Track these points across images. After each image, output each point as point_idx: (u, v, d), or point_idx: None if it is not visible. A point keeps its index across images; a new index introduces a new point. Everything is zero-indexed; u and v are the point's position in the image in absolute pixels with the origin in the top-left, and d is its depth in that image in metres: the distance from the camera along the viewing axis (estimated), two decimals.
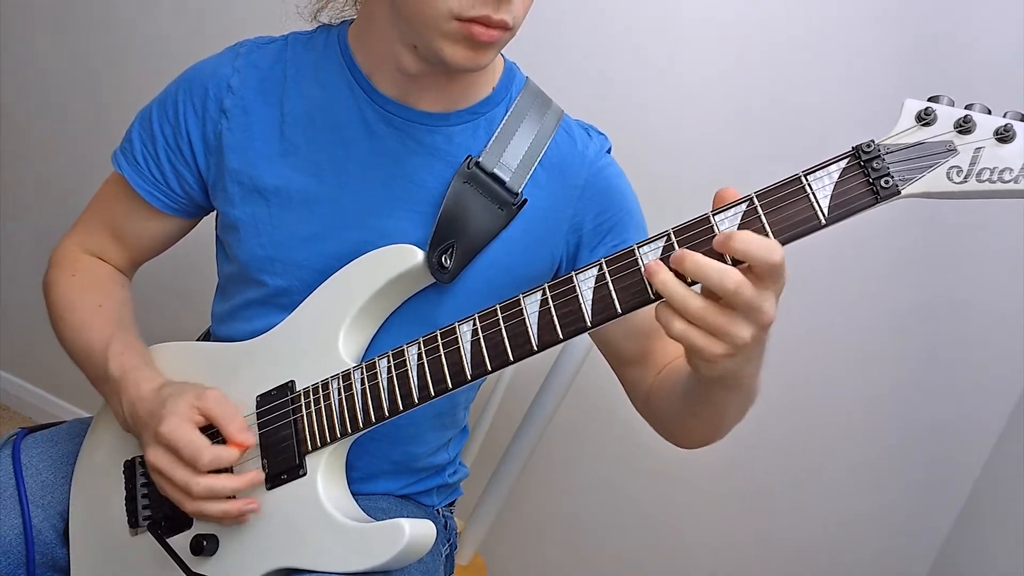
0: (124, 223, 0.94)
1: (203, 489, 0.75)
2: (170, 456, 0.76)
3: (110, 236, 0.95)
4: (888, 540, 1.35)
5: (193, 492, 0.76)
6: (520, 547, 1.56)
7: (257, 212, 0.85)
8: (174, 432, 0.76)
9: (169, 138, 0.87)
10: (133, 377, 0.82)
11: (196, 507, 0.77)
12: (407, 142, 0.83)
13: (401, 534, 0.74)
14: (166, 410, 0.77)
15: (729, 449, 1.38)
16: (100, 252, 0.96)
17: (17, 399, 1.90)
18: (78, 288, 0.92)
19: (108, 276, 0.95)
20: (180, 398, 0.78)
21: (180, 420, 0.76)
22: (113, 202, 0.93)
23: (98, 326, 0.88)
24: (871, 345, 1.27)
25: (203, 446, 0.76)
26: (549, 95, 0.90)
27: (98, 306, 0.91)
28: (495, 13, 0.70)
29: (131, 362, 0.84)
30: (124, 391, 0.82)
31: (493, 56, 0.76)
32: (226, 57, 0.88)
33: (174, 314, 1.34)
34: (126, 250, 0.96)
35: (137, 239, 0.95)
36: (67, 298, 0.91)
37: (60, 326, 0.91)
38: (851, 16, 1.15)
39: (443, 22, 0.71)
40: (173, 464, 0.76)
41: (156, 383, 0.82)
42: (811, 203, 0.62)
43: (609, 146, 0.91)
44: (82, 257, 0.95)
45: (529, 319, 0.70)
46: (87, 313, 0.90)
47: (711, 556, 1.47)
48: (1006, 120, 0.59)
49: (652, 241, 0.67)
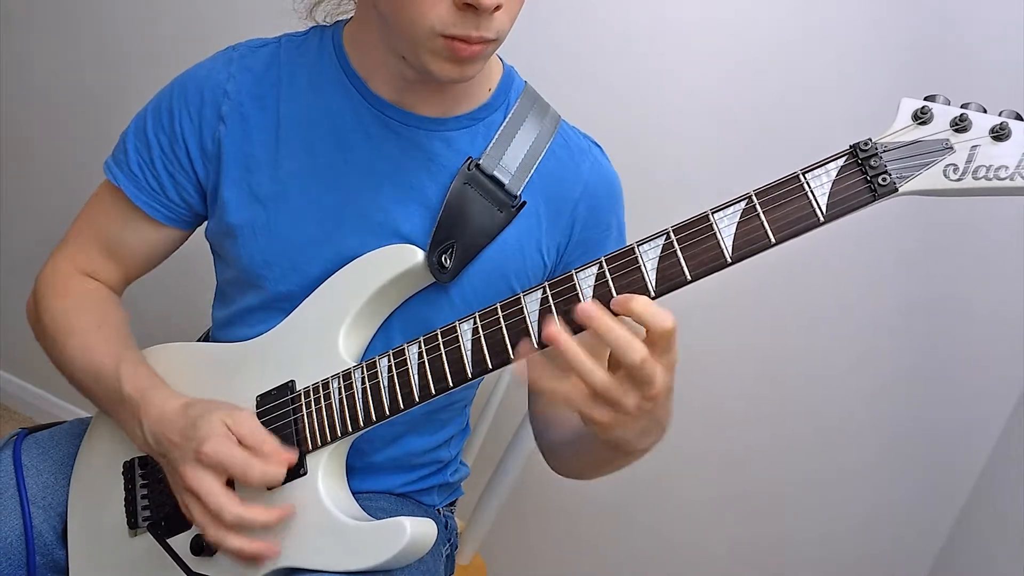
0: (118, 236, 0.91)
1: (234, 518, 0.73)
2: (212, 476, 0.75)
3: (102, 251, 0.92)
4: (888, 540, 1.35)
5: (225, 519, 0.74)
6: (520, 547, 1.56)
7: (256, 218, 0.84)
8: (219, 451, 0.74)
9: (165, 147, 0.86)
10: (154, 397, 0.80)
11: (219, 536, 0.74)
12: (405, 146, 0.83)
13: (402, 533, 0.74)
14: (203, 431, 0.75)
15: (730, 450, 1.39)
16: (91, 270, 0.93)
17: (17, 399, 1.90)
18: (74, 311, 0.89)
19: (103, 296, 0.92)
20: (213, 417, 0.76)
21: (222, 439, 0.75)
22: (105, 214, 0.91)
23: (103, 348, 0.86)
24: (871, 345, 1.28)
25: (253, 462, 0.74)
26: (548, 96, 0.90)
27: (98, 327, 0.88)
28: (475, 31, 0.70)
29: (147, 381, 0.82)
30: (144, 412, 0.80)
31: (480, 68, 0.76)
32: (220, 62, 0.87)
33: (174, 315, 1.34)
34: (119, 266, 0.93)
35: (131, 253, 0.92)
36: (64, 322, 0.88)
37: (58, 351, 0.88)
38: (848, 16, 1.15)
39: (426, 38, 0.71)
40: (214, 485, 0.74)
41: (180, 402, 0.80)
42: (809, 201, 0.62)
43: (605, 160, 0.91)
44: (73, 277, 0.92)
45: (530, 317, 0.70)
46: (88, 335, 0.87)
47: (711, 556, 1.47)
48: (1001, 119, 0.59)
49: (652, 239, 0.67)
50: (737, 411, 1.37)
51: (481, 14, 0.69)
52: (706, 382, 1.37)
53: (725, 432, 1.38)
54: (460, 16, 0.69)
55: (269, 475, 0.75)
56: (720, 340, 1.33)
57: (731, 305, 1.29)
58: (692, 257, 0.65)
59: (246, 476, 0.74)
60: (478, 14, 0.69)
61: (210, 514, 0.75)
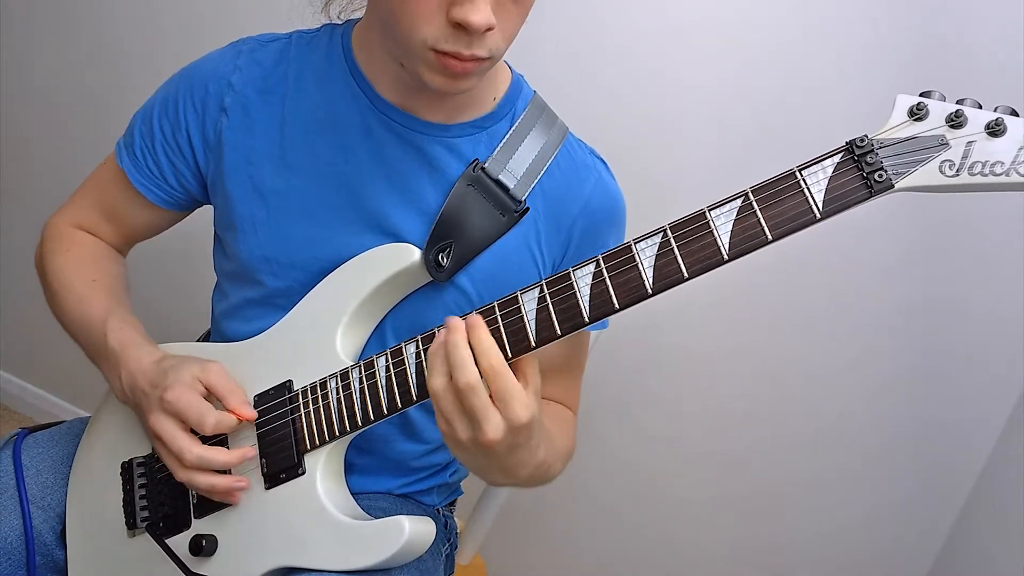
0: (118, 207, 0.94)
1: (195, 458, 0.77)
2: (173, 422, 0.78)
3: (104, 216, 0.95)
4: (888, 540, 1.35)
5: (185, 460, 0.78)
6: (520, 547, 1.56)
7: (256, 212, 0.85)
8: (180, 398, 0.77)
9: (168, 135, 0.87)
10: (134, 351, 0.83)
11: (187, 476, 0.79)
12: (408, 149, 0.83)
13: (401, 531, 0.74)
14: (170, 379, 0.79)
15: (730, 450, 1.39)
16: (93, 229, 0.96)
17: (17, 399, 1.90)
18: (73, 264, 0.92)
19: (102, 251, 0.96)
20: (183, 369, 0.80)
21: (185, 388, 0.78)
22: (109, 185, 0.94)
23: (95, 301, 0.89)
24: (870, 345, 1.28)
25: (208, 410, 0.78)
26: (548, 96, 0.90)
27: (92, 280, 0.91)
28: (467, 49, 0.70)
29: (130, 337, 0.85)
30: (124, 364, 0.83)
31: (474, 83, 0.75)
32: (228, 54, 0.87)
33: (174, 314, 1.34)
34: (119, 230, 0.96)
35: (131, 224, 0.95)
36: (64, 274, 0.92)
37: (56, 302, 0.92)
38: (848, 15, 1.15)
39: (420, 50, 0.71)
40: (175, 430, 0.78)
41: (157, 356, 0.83)
42: (806, 197, 0.62)
43: (610, 178, 0.91)
44: (76, 232, 0.96)
45: (527, 316, 0.70)
46: (83, 288, 0.90)
47: (711, 556, 1.47)
48: (997, 114, 0.59)
49: (649, 237, 0.67)
50: (737, 411, 1.37)
51: (473, 34, 0.69)
52: (705, 382, 1.37)
53: (725, 432, 1.38)
54: (452, 33, 0.69)
55: (223, 423, 0.78)
56: (718, 339, 1.33)
57: (729, 304, 1.29)
58: (689, 255, 0.65)
59: (201, 423, 0.77)
60: (470, 33, 0.69)
61: (174, 456, 0.78)
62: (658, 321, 1.33)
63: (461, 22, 0.67)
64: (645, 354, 1.37)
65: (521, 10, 0.72)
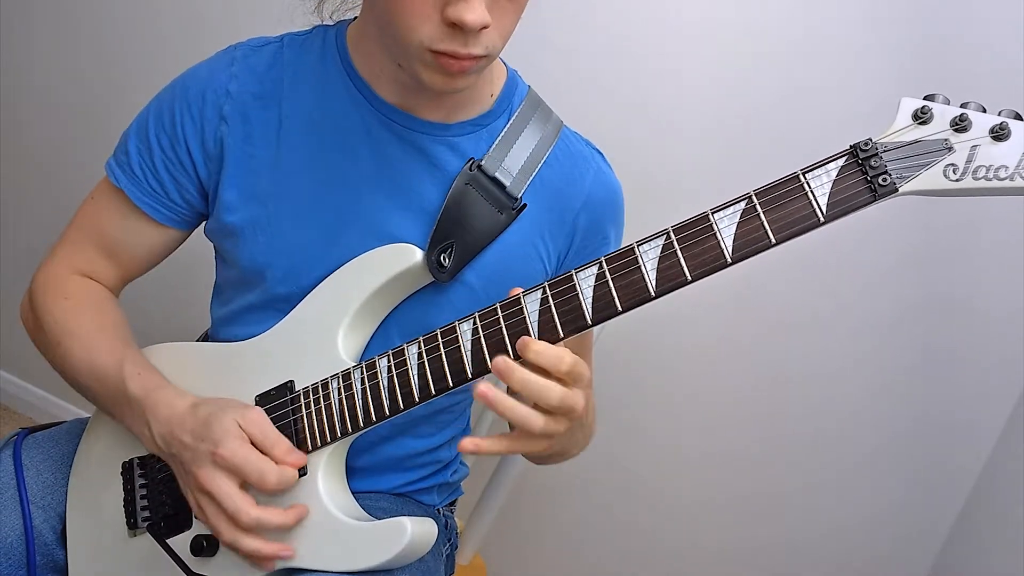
0: (117, 236, 0.90)
1: (252, 520, 0.73)
2: (229, 479, 0.74)
3: (101, 251, 0.91)
4: (888, 541, 1.35)
5: (241, 521, 0.73)
6: (520, 547, 1.56)
7: (257, 218, 0.84)
8: (236, 453, 0.74)
9: (167, 149, 0.85)
10: (161, 395, 0.80)
11: (233, 537, 0.74)
12: (409, 149, 0.83)
13: (403, 533, 0.74)
14: (216, 432, 0.75)
15: (729, 450, 1.39)
16: (90, 270, 0.92)
17: (17, 399, 1.90)
18: (73, 312, 0.88)
19: (104, 297, 0.91)
20: (226, 417, 0.76)
21: (239, 441, 0.75)
22: (104, 215, 0.90)
23: (105, 348, 0.85)
24: (871, 345, 1.28)
25: (269, 467, 0.74)
26: (547, 96, 0.90)
27: (99, 328, 0.87)
28: (463, 48, 0.70)
29: (152, 380, 0.82)
30: (152, 412, 0.79)
31: (472, 81, 0.76)
32: (222, 62, 0.86)
33: (174, 315, 1.34)
34: (118, 266, 0.92)
35: (131, 253, 0.91)
36: (67, 323, 0.87)
37: (59, 352, 0.87)
38: (848, 16, 1.15)
39: (416, 50, 0.71)
40: (232, 488, 0.74)
41: (188, 401, 0.79)
42: (810, 201, 0.62)
43: (608, 168, 0.91)
44: (71, 279, 0.90)
45: (529, 317, 0.70)
46: (90, 336, 0.86)
47: (711, 556, 1.47)
48: (1001, 119, 0.59)
49: (652, 239, 0.67)
50: (737, 411, 1.37)
51: (469, 32, 0.69)
52: (706, 382, 1.37)
53: (725, 432, 1.38)
54: (448, 32, 0.69)
55: (285, 479, 0.75)
56: (720, 340, 1.33)
57: (731, 306, 1.29)
58: (692, 257, 0.65)
59: (263, 482, 0.74)
60: (466, 32, 0.69)
61: (225, 516, 0.74)
62: (658, 321, 1.33)
63: (456, 21, 0.67)
64: (645, 354, 1.37)
65: (516, 7, 0.72)
